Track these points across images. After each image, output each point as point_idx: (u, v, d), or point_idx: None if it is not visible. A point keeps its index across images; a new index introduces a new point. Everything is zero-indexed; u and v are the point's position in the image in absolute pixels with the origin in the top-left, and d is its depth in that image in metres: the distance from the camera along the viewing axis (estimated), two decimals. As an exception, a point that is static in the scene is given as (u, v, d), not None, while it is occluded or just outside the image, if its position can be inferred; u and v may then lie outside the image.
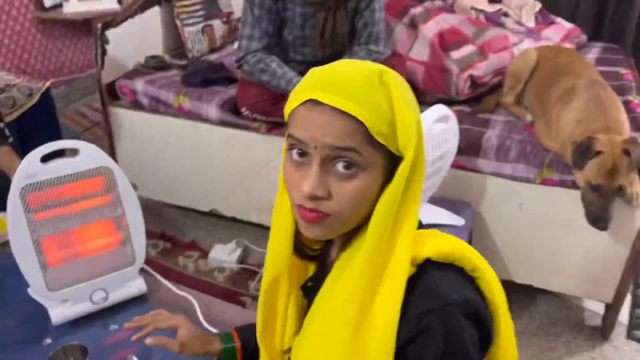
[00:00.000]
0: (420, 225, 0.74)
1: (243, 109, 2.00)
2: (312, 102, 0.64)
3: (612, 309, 1.85)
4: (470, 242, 1.82)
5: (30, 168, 1.21)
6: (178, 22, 2.48)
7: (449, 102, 2.05)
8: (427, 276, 0.66)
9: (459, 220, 1.72)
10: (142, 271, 1.43)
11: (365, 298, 0.65)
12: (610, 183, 1.50)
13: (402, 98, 0.65)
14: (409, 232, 0.66)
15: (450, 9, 2.41)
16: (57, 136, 2.41)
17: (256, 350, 0.94)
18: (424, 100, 2.12)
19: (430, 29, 2.09)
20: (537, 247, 1.85)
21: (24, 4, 3.22)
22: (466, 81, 2.00)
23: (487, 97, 2.07)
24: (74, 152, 1.27)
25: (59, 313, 1.30)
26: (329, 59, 1.93)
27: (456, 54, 2.03)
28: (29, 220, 1.23)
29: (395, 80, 0.66)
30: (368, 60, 1.91)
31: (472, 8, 2.34)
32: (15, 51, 3.22)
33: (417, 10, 2.17)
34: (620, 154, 1.48)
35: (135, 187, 2.46)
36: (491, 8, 2.38)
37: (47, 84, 2.31)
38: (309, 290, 0.80)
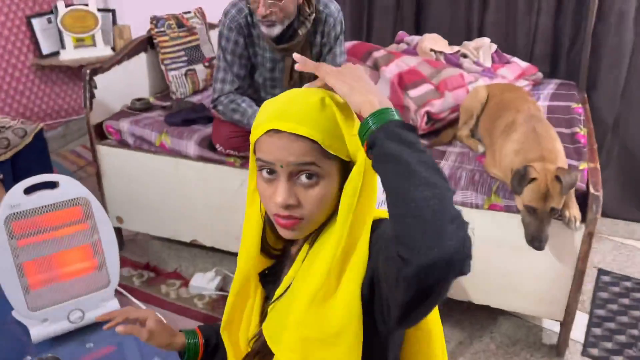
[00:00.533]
0: None
1: (217, 145, 2.17)
2: (273, 131, 0.78)
3: (564, 327, 1.96)
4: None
5: (14, 199, 1.37)
6: (163, 67, 2.68)
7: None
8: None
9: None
10: (117, 293, 1.56)
11: (339, 268, 0.78)
12: (543, 206, 1.65)
13: (343, 114, 0.79)
14: (369, 220, 0.79)
15: (413, 52, 2.61)
16: (49, 173, 2.58)
17: (216, 347, 1.08)
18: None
19: (390, 70, 2.27)
20: (491, 269, 1.98)
21: (23, 52, 3.44)
22: (423, 117, 2.17)
23: (445, 130, 2.23)
24: (54, 185, 1.42)
25: (38, 331, 1.43)
26: None
27: (414, 92, 2.20)
28: (12, 246, 1.38)
29: (336, 101, 0.80)
30: None
31: (432, 50, 2.53)
32: (14, 96, 3.43)
33: (379, 53, 2.36)
34: (552, 180, 1.64)
35: (121, 220, 2.62)
36: (450, 50, 2.57)
37: (41, 125, 2.49)
38: (266, 281, 0.95)
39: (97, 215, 1.49)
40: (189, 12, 2.83)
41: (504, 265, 1.95)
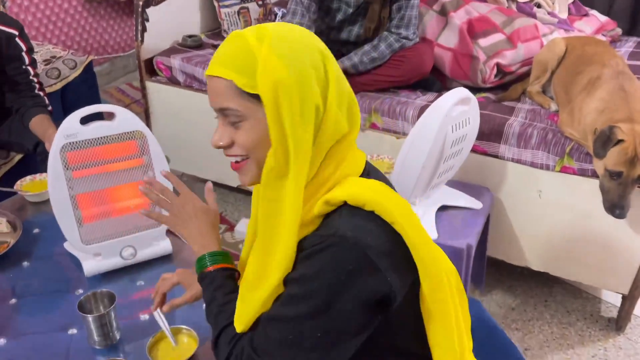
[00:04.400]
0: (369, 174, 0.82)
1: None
2: (209, 77, 0.78)
3: (628, 301, 1.85)
4: (487, 226, 1.85)
5: (70, 128, 1.31)
6: (215, 4, 2.57)
7: (475, 89, 2.09)
8: (335, 215, 0.75)
9: (476, 204, 1.76)
10: (169, 232, 1.52)
11: (273, 225, 0.77)
12: (630, 171, 1.51)
13: (270, 48, 0.72)
14: (301, 164, 0.74)
15: (483, -2, 2.42)
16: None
17: None
18: (451, 86, 2.15)
19: (459, 16, 2.11)
20: (555, 235, 1.87)
21: (73, -17, 3.37)
22: (492, 69, 2.02)
23: (514, 85, 2.08)
24: (111, 117, 1.36)
25: (91, 266, 1.40)
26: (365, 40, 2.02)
27: (484, 42, 2.04)
28: (67, 177, 1.33)
29: (271, 35, 0.74)
30: (396, 45, 1.99)
31: (504, -3, 2.34)
32: (62, 28, 3.38)
33: (448, -3, 2.19)
34: (641, 144, 1.49)
35: (168, 160, 2.58)
36: (524, -2, 2.38)
37: (91, 57, 2.44)
38: None
39: (152, 151, 1.43)
40: (244, -55, 2.69)
41: (570, 231, 1.84)
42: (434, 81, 2.12)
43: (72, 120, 1.31)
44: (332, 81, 0.75)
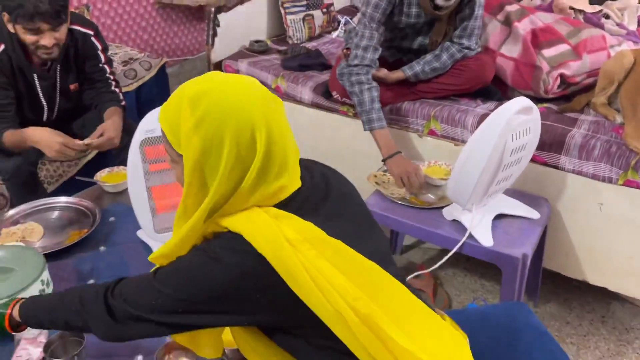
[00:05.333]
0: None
1: (334, 93, 2.14)
2: None
3: (691, 322, 1.79)
4: (544, 237, 1.84)
5: (149, 124, 1.42)
6: (282, 10, 2.67)
7: (537, 100, 2.08)
8: (220, 235, 0.87)
9: (533, 214, 1.75)
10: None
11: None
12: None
13: (191, 117, 0.81)
14: (205, 204, 0.84)
15: (548, 8, 2.40)
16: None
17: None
18: (512, 95, 2.14)
19: (524, 26, 2.11)
20: (615, 249, 1.83)
21: (148, -11, 3.57)
22: (556, 80, 2.01)
23: (578, 96, 2.06)
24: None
25: (161, 252, 1.50)
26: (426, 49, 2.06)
27: (548, 52, 2.03)
28: (145, 169, 1.44)
29: (200, 102, 0.82)
30: (458, 55, 2.00)
31: (571, 8, 2.31)
32: (137, 31, 3.59)
33: (512, 7, 2.19)
34: None
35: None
36: (591, 9, 2.34)
37: (164, 60, 2.60)
38: None
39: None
40: (311, -45, 2.78)
41: (631, 247, 1.80)
42: (495, 90, 2.12)
43: (151, 117, 1.42)
44: (258, 154, 0.82)
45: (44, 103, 1.98)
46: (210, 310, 0.87)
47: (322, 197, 0.93)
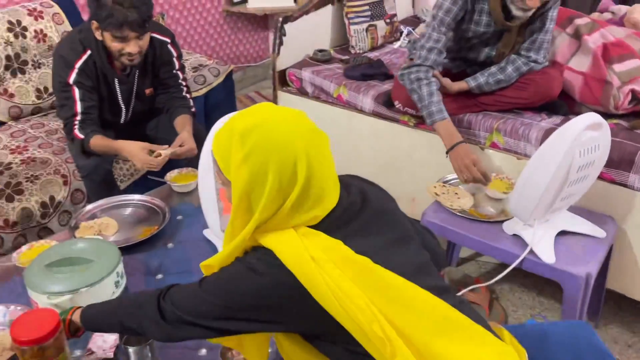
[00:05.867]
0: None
1: (396, 102, 2.17)
2: None
3: None
4: (608, 256, 1.79)
5: (221, 129, 1.49)
6: (346, 21, 2.72)
7: (607, 115, 2.02)
8: (256, 249, 0.96)
9: (599, 232, 1.71)
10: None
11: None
12: None
13: (240, 151, 0.89)
14: (250, 226, 0.92)
15: (619, 23, 2.33)
16: (234, 111, 2.79)
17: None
18: (580, 111, 2.10)
19: (594, 40, 2.06)
20: (685, 273, 1.76)
21: (217, -2, 3.71)
22: (627, 95, 1.95)
23: (650, 113, 1.99)
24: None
25: (226, 251, 1.57)
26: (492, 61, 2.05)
27: (619, 67, 1.98)
28: (215, 172, 1.51)
29: (250, 134, 0.90)
30: (524, 69, 1.98)
31: (645, 22, 2.24)
32: (205, 39, 3.73)
33: (582, 21, 2.15)
34: None
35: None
36: (668, 23, 2.26)
37: (231, 67, 2.70)
38: None
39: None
40: (377, -34, 2.81)
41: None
42: (561, 104, 2.08)
43: (222, 123, 1.49)
44: (297, 186, 0.89)
45: (122, 106, 2.10)
46: (246, 317, 0.95)
47: (355, 213, 0.98)
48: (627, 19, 2.30)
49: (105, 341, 1.26)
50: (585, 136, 1.50)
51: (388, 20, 2.82)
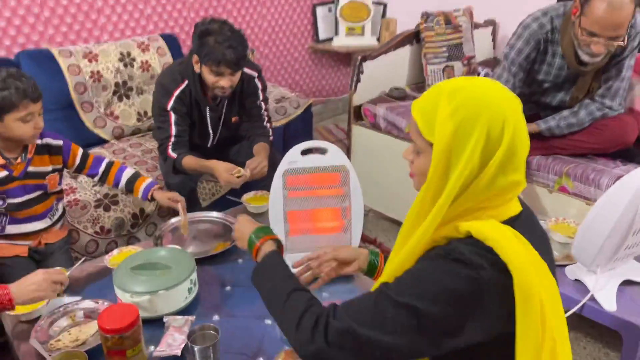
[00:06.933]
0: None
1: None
2: None
3: None
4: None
5: (292, 157, 1.62)
6: (423, 60, 2.82)
7: (686, 166, 1.97)
8: (458, 240, 0.88)
9: (669, 285, 1.66)
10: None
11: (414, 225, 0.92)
12: None
13: (448, 106, 0.85)
14: (442, 204, 0.87)
15: None
16: (310, 140, 2.96)
17: None
18: (659, 160, 2.06)
19: (676, 89, 2.02)
20: None
21: (304, 36, 3.94)
22: None
23: None
24: (324, 151, 1.64)
25: (289, 270, 1.68)
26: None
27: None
28: (284, 195, 1.65)
29: (456, 91, 0.86)
30: (597, 114, 1.98)
31: None
32: (290, 73, 3.97)
33: (667, 68, 2.12)
34: None
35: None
36: None
37: (311, 100, 2.87)
38: None
39: (352, 184, 1.67)
40: (458, 9, 2.90)
41: None
42: (637, 152, 2.05)
43: (295, 150, 1.63)
44: (504, 145, 0.85)
45: (210, 132, 2.31)
46: (446, 324, 0.85)
47: (533, 225, 0.96)
48: None
49: (175, 339, 1.41)
50: (652, 184, 1.49)
51: (466, 62, 2.89)
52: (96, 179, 1.96)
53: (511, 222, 0.90)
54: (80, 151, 1.90)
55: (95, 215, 2.11)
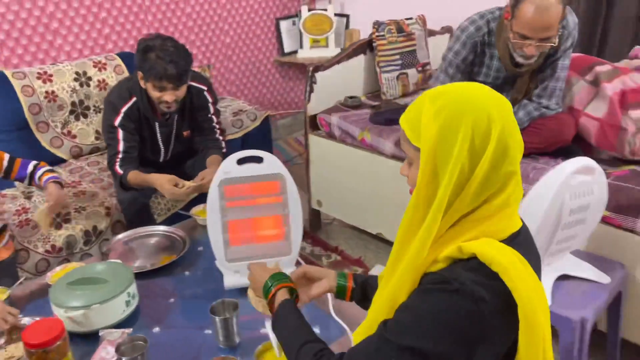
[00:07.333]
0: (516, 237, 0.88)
1: (410, 146, 2.25)
2: None
3: None
4: (618, 303, 1.75)
5: (228, 167, 1.64)
6: (377, 69, 2.86)
7: (624, 161, 2.01)
8: (462, 263, 0.83)
9: (603, 278, 1.69)
10: (297, 263, 1.75)
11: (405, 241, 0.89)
12: None
13: (431, 108, 0.84)
14: (435, 213, 0.83)
15: (648, 69, 2.31)
16: (270, 152, 2.97)
17: (362, 298, 1.22)
18: (598, 156, 2.09)
19: (613, 86, 2.06)
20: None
21: (269, 50, 3.99)
22: (643, 141, 1.93)
23: (671, 160, 1.95)
24: (260, 160, 1.67)
25: (230, 280, 1.69)
26: None
27: (636, 114, 1.97)
28: (221, 206, 1.66)
29: (440, 95, 0.85)
30: (535, 114, 2.02)
31: (672, 68, 2.20)
32: (257, 87, 4.01)
33: (603, 68, 2.16)
34: None
35: (320, 204, 2.88)
36: (699, 69, 2.20)
37: (267, 112, 2.90)
38: None
39: (289, 192, 1.69)
40: (410, 18, 2.95)
41: None
42: (577, 150, 2.08)
43: (231, 160, 1.65)
44: (492, 141, 0.81)
45: (162, 147, 2.33)
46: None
47: (530, 245, 0.93)
48: (655, 66, 2.28)
49: (108, 352, 1.42)
50: (576, 180, 1.52)
51: (420, 69, 2.93)
52: (26, 182, 1.98)
53: (512, 238, 0.87)
54: (6, 156, 1.94)
55: (45, 234, 2.12)
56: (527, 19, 1.77)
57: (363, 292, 1.22)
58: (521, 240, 0.88)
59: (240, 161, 1.66)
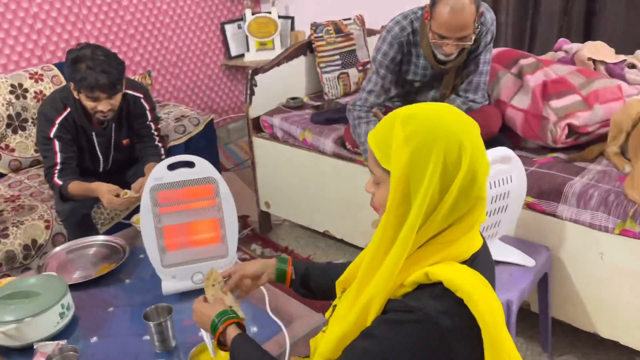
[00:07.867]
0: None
1: (347, 143, 2.31)
2: None
3: None
4: (545, 284, 1.84)
5: (159, 173, 1.65)
6: (318, 70, 2.90)
7: (549, 149, 2.10)
8: (427, 290, 0.86)
9: (528, 261, 1.77)
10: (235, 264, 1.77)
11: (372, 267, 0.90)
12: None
13: (402, 133, 0.84)
14: (407, 236, 0.84)
15: (570, 60, 2.42)
16: (215, 157, 2.98)
17: (305, 277, 1.30)
18: (525, 146, 2.18)
19: (535, 78, 2.15)
20: (623, 301, 1.78)
21: (216, 54, 3.99)
22: (563, 129, 2.03)
23: (591, 146, 2.05)
24: (192, 165, 1.68)
25: (167, 286, 1.70)
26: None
27: (556, 103, 2.06)
28: (154, 212, 1.67)
29: (412, 120, 0.85)
30: (462, 108, 2.10)
31: (590, 59, 2.31)
32: (205, 91, 4.00)
33: (527, 61, 2.25)
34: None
35: (268, 205, 2.90)
36: (614, 59, 2.32)
37: (211, 116, 2.90)
38: None
39: (222, 195, 1.71)
40: (349, 18, 3.01)
41: (637, 299, 1.74)
42: (504, 140, 2.17)
43: (162, 166, 1.66)
44: (462, 169, 0.83)
45: (100, 156, 2.32)
46: None
47: (490, 265, 0.96)
48: (576, 57, 2.39)
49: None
50: (494, 169, 1.59)
51: (361, 68, 2.99)
52: None
53: (473, 259, 0.90)
54: None
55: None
56: (443, 20, 1.84)
57: (303, 283, 1.29)
58: (480, 259, 0.92)
59: (172, 167, 1.67)
